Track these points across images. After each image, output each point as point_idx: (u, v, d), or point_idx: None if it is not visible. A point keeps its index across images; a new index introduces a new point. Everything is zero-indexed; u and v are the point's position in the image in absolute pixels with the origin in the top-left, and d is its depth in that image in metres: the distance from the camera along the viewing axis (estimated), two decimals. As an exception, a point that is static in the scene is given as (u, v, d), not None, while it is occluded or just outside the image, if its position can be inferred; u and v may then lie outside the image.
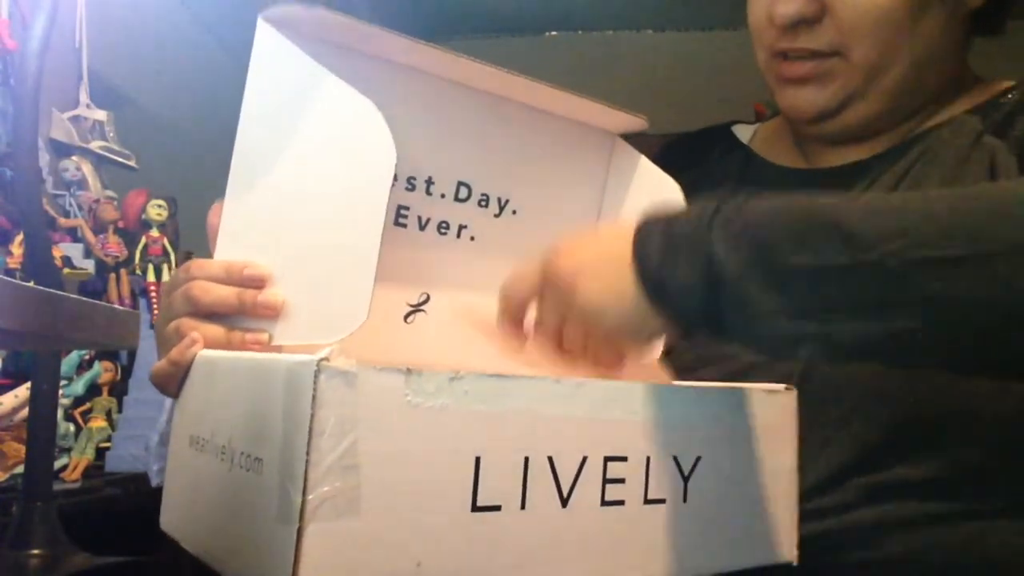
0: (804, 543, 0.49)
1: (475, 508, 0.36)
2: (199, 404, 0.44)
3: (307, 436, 0.32)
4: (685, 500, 0.44)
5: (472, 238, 0.58)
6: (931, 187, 0.57)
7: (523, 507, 0.38)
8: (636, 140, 0.62)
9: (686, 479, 0.44)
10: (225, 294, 0.46)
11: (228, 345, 0.46)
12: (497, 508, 0.37)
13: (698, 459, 0.45)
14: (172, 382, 0.46)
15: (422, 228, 0.56)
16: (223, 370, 0.43)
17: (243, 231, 0.48)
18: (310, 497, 0.31)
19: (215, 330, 0.46)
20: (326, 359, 0.32)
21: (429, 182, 0.55)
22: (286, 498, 0.32)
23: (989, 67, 0.65)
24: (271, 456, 0.34)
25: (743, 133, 0.73)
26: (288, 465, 0.32)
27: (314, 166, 0.45)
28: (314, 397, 0.32)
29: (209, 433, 0.41)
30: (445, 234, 0.57)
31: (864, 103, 0.60)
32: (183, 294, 0.47)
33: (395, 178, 0.40)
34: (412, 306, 0.57)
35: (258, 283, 0.46)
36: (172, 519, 0.46)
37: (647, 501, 0.42)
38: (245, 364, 0.40)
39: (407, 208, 0.55)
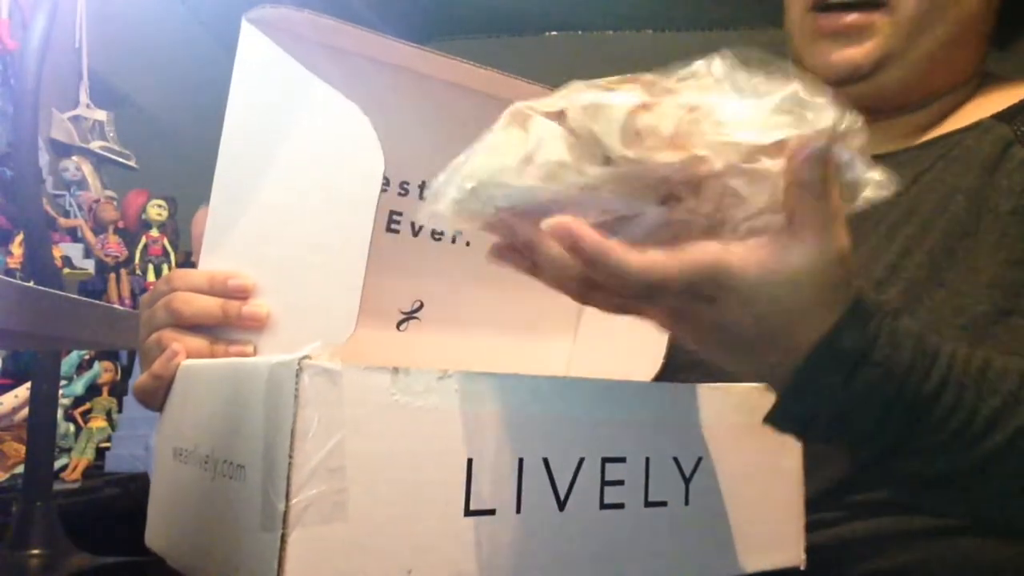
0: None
1: (468, 512, 0.35)
2: (181, 415, 0.43)
3: (289, 438, 0.31)
4: (687, 503, 0.43)
5: (467, 243, 0.57)
6: (949, 192, 0.56)
7: (518, 511, 0.37)
8: None
9: (687, 481, 0.43)
10: (208, 305, 0.45)
11: (211, 357, 0.45)
12: (491, 512, 0.36)
13: (699, 460, 0.44)
14: (155, 396, 0.45)
15: (415, 234, 0.55)
16: (204, 378, 0.42)
17: (228, 240, 0.47)
18: (293, 502, 0.30)
19: (198, 342, 0.45)
20: (308, 357, 0.31)
21: (423, 187, 0.54)
22: (269, 504, 0.31)
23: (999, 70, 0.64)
24: (253, 462, 0.33)
25: None
26: (270, 470, 0.32)
27: (301, 172, 0.44)
28: (296, 397, 0.31)
29: (192, 444, 0.40)
30: (439, 240, 0.56)
31: (900, 66, 0.59)
32: (164, 306, 0.46)
33: (387, 183, 0.39)
34: (405, 313, 0.57)
35: (243, 294, 0.45)
36: (157, 534, 0.45)
37: (648, 504, 0.41)
38: (225, 369, 0.39)
39: (400, 214, 0.54)
